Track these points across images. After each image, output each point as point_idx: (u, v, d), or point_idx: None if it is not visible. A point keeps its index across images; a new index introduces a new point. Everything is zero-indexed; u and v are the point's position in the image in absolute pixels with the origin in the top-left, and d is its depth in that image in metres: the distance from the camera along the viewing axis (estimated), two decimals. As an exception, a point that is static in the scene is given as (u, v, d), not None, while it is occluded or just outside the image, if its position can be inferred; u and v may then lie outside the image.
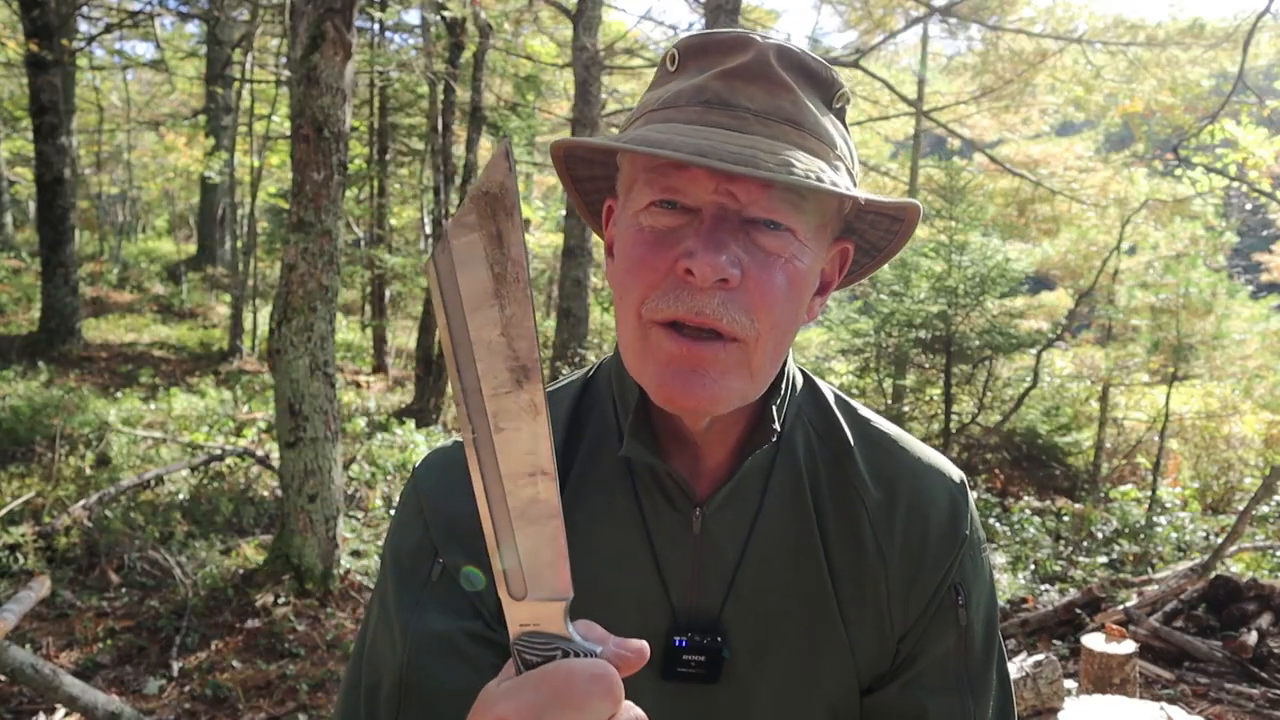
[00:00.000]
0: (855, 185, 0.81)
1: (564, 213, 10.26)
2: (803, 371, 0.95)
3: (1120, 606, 4.71)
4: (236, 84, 14.23)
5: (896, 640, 0.87)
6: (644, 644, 0.57)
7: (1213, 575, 4.72)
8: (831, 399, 0.92)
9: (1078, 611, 4.76)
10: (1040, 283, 15.05)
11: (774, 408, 0.84)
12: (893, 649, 0.87)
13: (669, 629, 0.83)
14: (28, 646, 4.33)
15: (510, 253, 0.47)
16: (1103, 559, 6.29)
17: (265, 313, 13.15)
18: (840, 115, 0.83)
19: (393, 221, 14.33)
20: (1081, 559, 6.38)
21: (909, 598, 0.86)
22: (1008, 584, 5.66)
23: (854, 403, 0.94)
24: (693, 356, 0.74)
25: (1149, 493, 8.08)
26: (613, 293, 0.82)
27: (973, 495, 0.93)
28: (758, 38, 0.78)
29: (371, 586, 3.05)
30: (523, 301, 0.48)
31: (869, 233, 0.88)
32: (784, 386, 0.86)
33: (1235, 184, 10.17)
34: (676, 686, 0.83)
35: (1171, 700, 3.75)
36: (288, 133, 12.44)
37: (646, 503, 0.85)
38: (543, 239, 14.87)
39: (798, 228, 0.75)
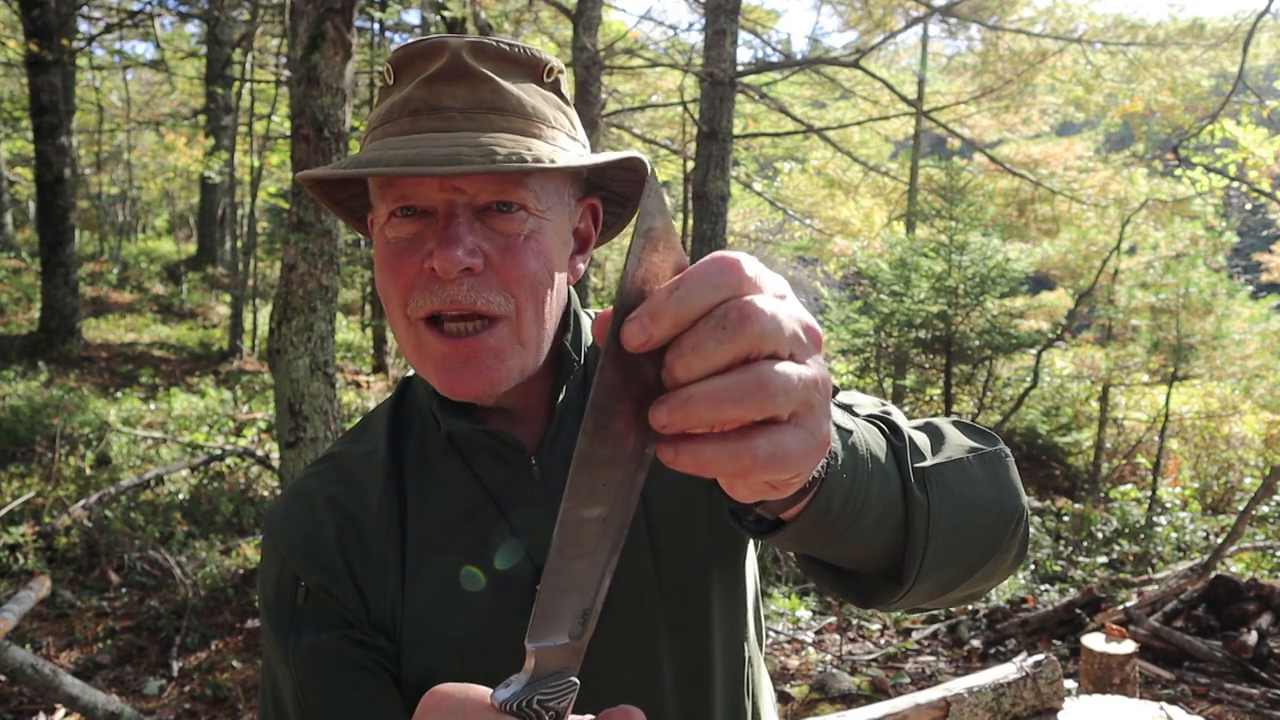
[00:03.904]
0: (581, 146, 0.87)
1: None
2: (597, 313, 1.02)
3: (1120, 606, 4.71)
4: (236, 84, 14.22)
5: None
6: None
7: (1213, 575, 4.72)
8: None
9: (1078, 611, 4.76)
10: (1040, 283, 15.04)
11: (567, 343, 0.90)
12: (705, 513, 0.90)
13: (532, 579, 0.86)
14: (28, 646, 4.33)
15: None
16: (1103, 559, 6.29)
17: (265, 313, 13.14)
18: (555, 88, 0.88)
19: (393, 221, 14.28)
20: (1081, 559, 6.38)
21: None
22: (1008, 584, 5.66)
23: None
24: (463, 351, 0.80)
25: (1149, 493, 8.08)
26: (381, 300, 0.87)
27: None
28: (451, 40, 0.83)
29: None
30: None
31: (615, 185, 0.94)
32: (572, 323, 0.92)
33: (1235, 184, 10.16)
34: None
35: (1171, 700, 3.75)
36: (288, 133, 12.43)
37: (478, 466, 0.89)
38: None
39: (528, 202, 0.80)
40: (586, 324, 0.97)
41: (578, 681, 0.52)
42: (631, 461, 0.47)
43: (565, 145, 0.84)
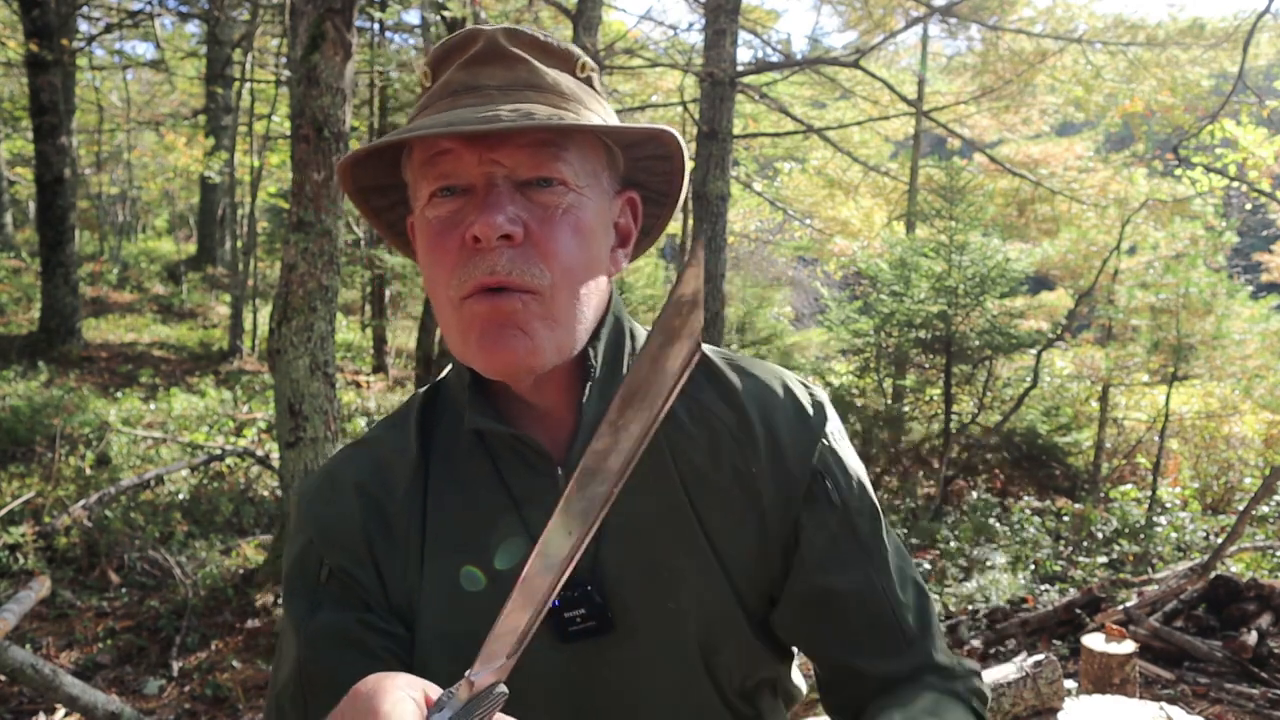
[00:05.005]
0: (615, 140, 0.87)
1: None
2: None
3: (1120, 606, 4.71)
4: (236, 84, 14.22)
5: (781, 546, 0.90)
6: None
7: (1213, 575, 4.72)
8: None
9: (1078, 611, 4.76)
10: (1040, 283, 15.03)
11: (590, 349, 0.88)
12: (778, 557, 0.90)
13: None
14: (28, 646, 4.32)
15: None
16: (1103, 559, 6.29)
17: (265, 313, 13.14)
18: (589, 83, 0.88)
19: (393, 221, 14.29)
20: (1081, 559, 6.38)
21: (781, 497, 0.89)
22: (1008, 584, 5.66)
23: (704, 346, 0.98)
24: (497, 311, 0.78)
25: (1149, 493, 8.08)
26: (428, 293, 0.86)
27: (829, 404, 0.97)
28: (486, 28, 0.84)
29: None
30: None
31: (650, 180, 0.93)
32: (605, 332, 0.90)
33: (1235, 184, 10.17)
34: (580, 646, 0.85)
35: (1171, 700, 3.75)
36: (288, 133, 12.43)
37: (505, 470, 0.88)
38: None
39: (568, 178, 0.80)
40: (641, 333, 0.96)
41: (507, 690, 0.53)
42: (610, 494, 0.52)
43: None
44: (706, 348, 0.96)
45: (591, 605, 0.84)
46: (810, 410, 0.93)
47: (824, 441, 0.91)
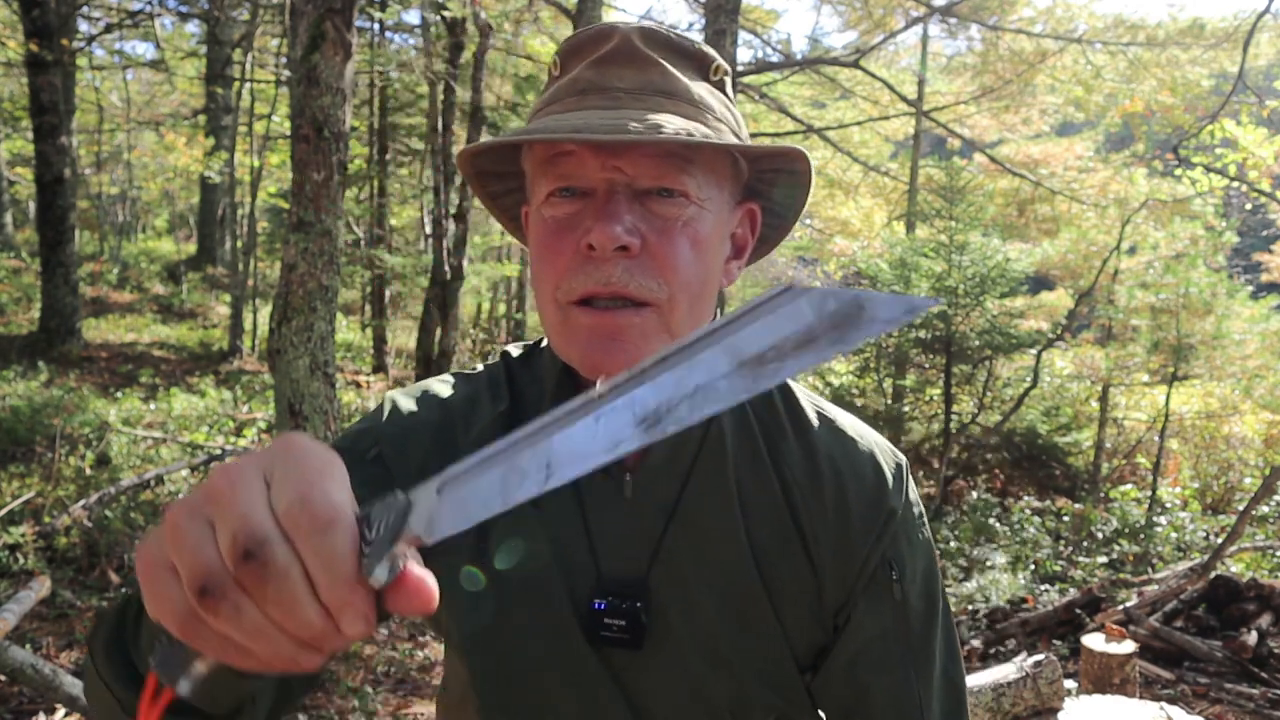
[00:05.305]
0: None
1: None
2: None
3: (1120, 606, 4.71)
4: (236, 84, 14.23)
5: (833, 614, 0.88)
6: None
7: (1213, 575, 4.72)
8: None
9: (1078, 611, 4.76)
10: (1040, 283, 15.04)
11: None
12: (830, 622, 0.88)
13: (592, 591, 0.84)
14: (28, 646, 4.32)
15: None
16: (1103, 559, 6.29)
17: (265, 313, 13.14)
18: (720, 87, 0.86)
19: (393, 221, 14.34)
20: (1081, 559, 6.38)
21: (839, 570, 0.87)
22: (1008, 584, 5.66)
23: (797, 388, 0.95)
24: (609, 326, 0.77)
25: (1149, 493, 8.08)
26: (533, 286, 0.85)
27: (910, 475, 0.93)
28: (621, 25, 0.82)
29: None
30: None
31: (772, 193, 0.91)
32: None
33: (1235, 184, 10.16)
34: (605, 652, 0.84)
35: (1171, 700, 3.75)
36: (288, 133, 12.44)
37: None
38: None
39: (689, 190, 0.78)
40: None
41: (410, 500, 0.49)
42: None
43: (730, 139, 0.82)
44: (802, 393, 0.94)
45: (633, 621, 0.83)
46: (890, 482, 0.89)
47: (895, 524, 0.88)
